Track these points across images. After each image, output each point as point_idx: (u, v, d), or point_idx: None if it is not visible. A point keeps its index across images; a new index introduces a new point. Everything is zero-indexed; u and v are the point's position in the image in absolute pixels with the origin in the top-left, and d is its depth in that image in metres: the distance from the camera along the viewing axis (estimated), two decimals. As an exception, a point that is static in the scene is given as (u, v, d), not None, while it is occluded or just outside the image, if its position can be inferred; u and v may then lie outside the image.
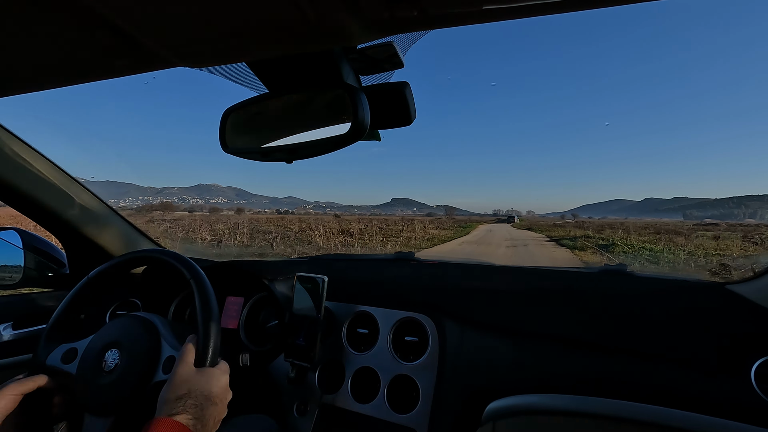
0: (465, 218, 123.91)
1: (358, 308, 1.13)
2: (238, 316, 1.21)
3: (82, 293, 0.93)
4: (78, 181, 1.27)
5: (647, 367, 0.84)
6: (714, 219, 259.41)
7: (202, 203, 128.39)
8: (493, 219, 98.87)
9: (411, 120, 0.72)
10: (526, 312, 1.01)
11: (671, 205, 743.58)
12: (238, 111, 0.74)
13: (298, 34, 0.44)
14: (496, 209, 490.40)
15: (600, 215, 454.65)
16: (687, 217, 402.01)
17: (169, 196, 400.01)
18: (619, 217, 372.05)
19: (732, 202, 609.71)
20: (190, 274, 0.85)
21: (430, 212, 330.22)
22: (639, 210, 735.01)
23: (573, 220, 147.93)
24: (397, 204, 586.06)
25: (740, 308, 0.86)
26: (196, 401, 0.66)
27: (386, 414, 0.96)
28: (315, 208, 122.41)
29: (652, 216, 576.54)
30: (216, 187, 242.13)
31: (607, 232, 33.38)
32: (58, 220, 1.22)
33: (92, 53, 0.50)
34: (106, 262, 0.96)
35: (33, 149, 1.13)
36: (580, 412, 0.80)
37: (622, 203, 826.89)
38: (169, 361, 0.79)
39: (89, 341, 0.87)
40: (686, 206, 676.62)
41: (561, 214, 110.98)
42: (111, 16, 0.42)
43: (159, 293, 1.27)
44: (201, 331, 0.77)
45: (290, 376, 1.05)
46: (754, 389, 0.75)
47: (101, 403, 0.78)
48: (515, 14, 0.40)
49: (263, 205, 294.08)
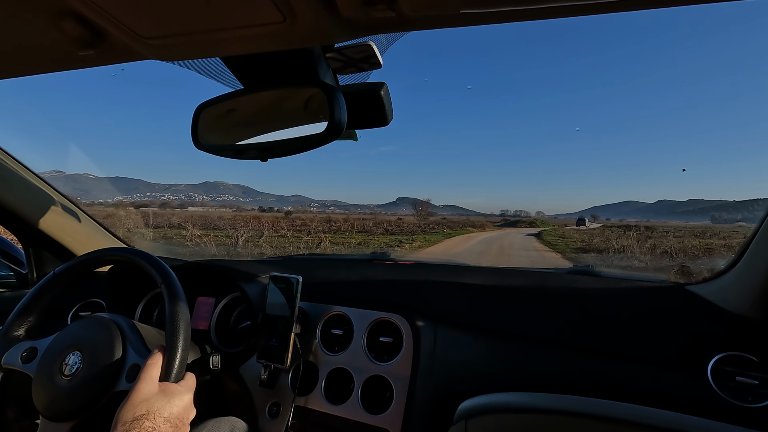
0: (462, 218, 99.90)
1: (332, 309, 1.12)
2: (209, 317, 1.18)
3: (46, 289, 0.89)
4: (39, 176, 1.21)
5: (612, 365, 0.88)
6: (745, 222, 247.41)
7: (208, 200, 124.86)
8: (499, 220, 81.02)
9: (387, 121, 0.72)
10: (498, 311, 1.03)
11: (687, 207, 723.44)
12: (212, 107, 0.72)
13: (274, 32, 0.43)
14: (503, 209, 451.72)
15: (613, 217, 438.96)
16: (715, 221, 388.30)
17: (176, 193, 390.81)
18: (642, 219, 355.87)
19: (757, 204, 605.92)
20: (162, 277, 0.82)
21: (371, 211, 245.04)
22: (652, 212, 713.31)
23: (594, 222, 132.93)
24: (402, 203, 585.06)
25: (699, 308, 0.91)
26: (154, 423, 0.63)
27: (359, 415, 0.96)
28: (319, 206, 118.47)
29: (670, 218, 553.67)
30: (223, 185, 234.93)
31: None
32: (16, 216, 1.16)
33: (55, 42, 0.48)
34: (77, 258, 0.92)
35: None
36: (551, 409, 0.82)
37: (634, 205, 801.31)
38: (133, 369, 0.76)
39: (50, 342, 0.83)
40: (705, 209, 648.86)
41: (578, 215, 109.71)
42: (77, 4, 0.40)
43: (125, 293, 1.23)
44: (168, 342, 0.74)
45: (262, 377, 1.03)
46: (711, 385, 0.79)
47: (59, 408, 0.74)
48: (493, 19, 0.40)
49: (269, 203, 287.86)
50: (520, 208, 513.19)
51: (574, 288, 1.04)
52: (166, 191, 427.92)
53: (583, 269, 1.16)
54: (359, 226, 31.69)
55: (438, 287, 1.13)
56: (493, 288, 1.10)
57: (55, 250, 1.29)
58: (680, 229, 46.19)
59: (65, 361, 0.77)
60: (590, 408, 0.79)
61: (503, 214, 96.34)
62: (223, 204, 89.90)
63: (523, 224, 59.65)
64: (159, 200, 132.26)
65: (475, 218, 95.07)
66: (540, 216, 70.28)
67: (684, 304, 0.93)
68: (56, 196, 1.25)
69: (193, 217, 32.94)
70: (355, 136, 0.82)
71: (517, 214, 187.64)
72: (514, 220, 61.76)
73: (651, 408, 0.76)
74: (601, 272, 1.13)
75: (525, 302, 1.03)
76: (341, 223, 35.98)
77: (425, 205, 66.75)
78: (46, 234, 1.23)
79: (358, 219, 40.97)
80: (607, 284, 1.04)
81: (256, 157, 0.72)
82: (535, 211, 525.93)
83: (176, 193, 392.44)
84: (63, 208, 1.27)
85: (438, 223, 35.18)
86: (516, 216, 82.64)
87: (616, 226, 54.01)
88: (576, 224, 72.22)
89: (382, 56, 0.63)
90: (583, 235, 30.77)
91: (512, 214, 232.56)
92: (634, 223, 59.22)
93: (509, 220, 74.12)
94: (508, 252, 20.29)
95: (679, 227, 54.79)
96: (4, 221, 1.19)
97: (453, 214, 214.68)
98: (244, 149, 0.71)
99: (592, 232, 32.10)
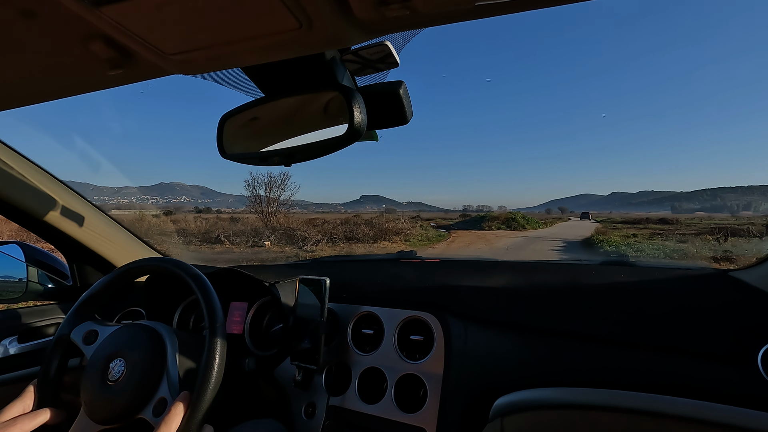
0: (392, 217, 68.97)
1: (362, 309, 1.13)
2: (242, 321, 1.21)
3: (117, 280, 0.96)
4: (79, 193, 1.28)
5: (655, 358, 0.84)
6: (703, 212, 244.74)
7: (163, 203, 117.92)
8: (457, 217, 57.41)
9: (407, 119, 0.72)
10: (530, 307, 1.01)
11: (640, 198, 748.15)
12: (235, 116, 0.74)
13: (292, 39, 0.44)
14: (466, 205, 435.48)
15: (571, 209, 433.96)
16: (676, 210, 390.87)
17: (127, 196, 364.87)
18: (602, 211, 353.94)
19: (707, 194, 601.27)
20: (203, 298, 0.86)
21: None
22: (608, 204, 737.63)
23: (560, 214, 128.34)
24: (367, 201, 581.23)
25: (746, 295, 0.86)
26: None
27: (394, 414, 0.96)
28: (280, 206, 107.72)
29: (627, 209, 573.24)
30: (180, 186, 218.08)
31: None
32: (60, 232, 1.23)
33: (86, 65, 0.50)
34: (140, 260, 0.98)
35: (31, 162, 1.14)
36: (592, 404, 0.79)
37: (590, 198, 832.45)
38: (160, 404, 0.77)
39: (95, 349, 0.88)
40: (658, 199, 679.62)
41: (545, 208, 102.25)
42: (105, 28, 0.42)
43: (163, 301, 1.28)
44: (196, 389, 0.75)
45: (297, 379, 1.05)
46: (762, 375, 0.75)
47: (104, 412, 0.79)
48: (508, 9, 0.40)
49: (230, 204, 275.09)
50: (482, 203, 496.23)
51: (610, 279, 1.00)
52: (116, 195, 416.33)
53: (617, 260, 1.12)
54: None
55: (466, 284, 1.12)
56: (523, 283, 1.07)
57: (97, 263, 1.35)
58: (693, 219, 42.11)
59: (110, 368, 0.82)
60: (638, 402, 0.76)
61: (465, 210, 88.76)
62: (177, 206, 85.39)
63: (492, 223, 35.86)
64: (109, 204, 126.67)
65: (438, 215, 74.28)
66: (502, 210, 52.99)
67: (729, 291, 0.88)
68: (95, 212, 1.32)
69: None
70: (375, 137, 0.82)
71: (480, 209, 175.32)
72: (477, 216, 41.05)
73: (702, 401, 0.73)
74: (636, 262, 1.09)
75: (558, 296, 1.00)
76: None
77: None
78: (88, 248, 1.30)
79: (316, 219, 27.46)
80: (645, 274, 1.00)
81: (280, 163, 0.73)
82: (498, 205, 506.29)
83: (127, 197, 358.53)
84: (102, 222, 1.33)
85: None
86: (479, 211, 65.09)
87: (622, 221, 46.23)
88: (580, 218, 66.66)
89: (399, 54, 0.62)
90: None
91: (475, 209, 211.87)
92: (644, 217, 49.68)
93: (470, 216, 49.32)
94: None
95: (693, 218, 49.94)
96: (48, 237, 1.26)
97: (416, 211, 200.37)
98: (268, 156, 0.72)
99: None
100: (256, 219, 25.50)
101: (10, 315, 1.18)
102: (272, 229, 20.83)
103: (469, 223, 39.69)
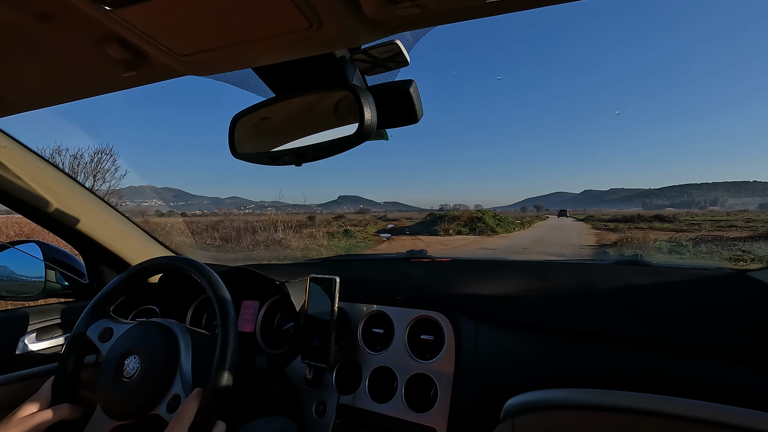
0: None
1: (372, 308, 1.13)
2: (254, 320, 1.22)
3: (132, 279, 0.97)
4: (95, 193, 1.30)
5: (672, 360, 0.82)
6: (673, 208, 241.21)
7: (133, 207, 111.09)
8: (423, 217, 45.58)
9: (417, 118, 0.71)
10: (541, 307, 1.00)
11: (611, 195, 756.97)
12: (246, 116, 0.75)
13: (302, 39, 0.44)
14: (443, 204, 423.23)
15: (546, 207, 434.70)
16: (647, 207, 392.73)
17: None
18: (576, 209, 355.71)
19: (674, 190, 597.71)
20: (215, 295, 0.86)
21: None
22: (581, 201, 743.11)
23: (536, 212, 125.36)
24: (344, 201, 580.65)
25: (765, 295, 0.84)
26: None
27: (404, 413, 0.96)
28: (256, 207, 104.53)
29: (600, 206, 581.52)
30: (150, 189, 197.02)
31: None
32: (77, 231, 1.26)
33: (101, 67, 0.51)
34: (154, 259, 0.99)
35: (49, 163, 1.16)
36: (605, 405, 0.78)
37: (563, 195, 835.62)
38: (174, 400, 0.79)
39: (111, 346, 0.89)
40: (629, 196, 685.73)
41: (521, 206, 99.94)
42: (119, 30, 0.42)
43: (176, 299, 1.29)
44: (211, 384, 0.76)
45: (307, 377, 1.05)
46: None
47: (120, 408, 0.80)
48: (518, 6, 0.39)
49: (204, 206, 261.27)
50: (459, 202, 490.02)
51: (624, 279, 0.99)
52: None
53: (632, 259, 1.11)
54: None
55: (477, 283, 1.11)
56: (535, 282, 1.06)
57: (112, 261, 1.38)
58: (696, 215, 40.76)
59: (125, 365, 0.83)
60: (649, 404, 0.74)
61: (441, 209, 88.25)
62: (143, 210, 78.85)
63: (450, 226, 27.77)
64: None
65: (411, 214, 66.30)
66: (478, 209, 47.65)
67: (749, 291, 0.86)
68: (111, 211, 1.34)
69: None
70: (386, 136, 0.82)
71: (457, 208, 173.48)
72: (438, 215, 34.90)
73: (720, 404, 0.71)
74: (651, 261, 1.07)
75: (571, 296, 0.99)
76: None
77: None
78: (104, 247, 1.33)
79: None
80: (660, 274, 0.98)
81: (291, 163, 0.73)
82: (474, 204, 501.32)
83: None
84: (117, 222, 1.35)
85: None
86: (456, 209, 64.28)
87: (610, 219, 41.49)
88: (558, 216, 65.26)
89: (409, 53, 0.62)
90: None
91: (452, 208, 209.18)
92: (635, 214, 44.44)
93: (435, 215, 36.61)
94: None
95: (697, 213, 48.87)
96: (65, 236, 1.29)
97: (393, 210, 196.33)
98: (279, 155, 0.73)
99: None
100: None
101: (28, 312, 1.21)
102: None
103: (424, 225, 32.53)
